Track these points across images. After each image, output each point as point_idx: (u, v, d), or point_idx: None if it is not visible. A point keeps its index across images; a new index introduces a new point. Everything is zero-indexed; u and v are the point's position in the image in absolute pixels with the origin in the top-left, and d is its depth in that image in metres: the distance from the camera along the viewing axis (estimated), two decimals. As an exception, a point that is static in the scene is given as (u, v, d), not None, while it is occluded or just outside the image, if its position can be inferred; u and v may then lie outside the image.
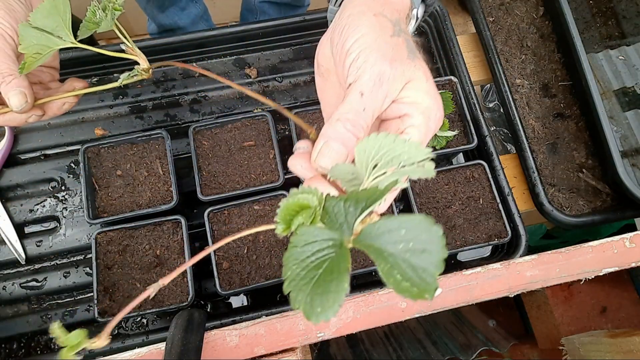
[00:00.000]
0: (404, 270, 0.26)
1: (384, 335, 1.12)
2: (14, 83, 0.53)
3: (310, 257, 0.28)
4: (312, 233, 0.28)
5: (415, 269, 0.26)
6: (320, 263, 0.28)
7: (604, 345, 0.85)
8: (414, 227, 0.27)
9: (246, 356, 0.50)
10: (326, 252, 0.28)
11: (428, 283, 0.25)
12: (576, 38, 0.81)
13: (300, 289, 0.27)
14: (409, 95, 0.38)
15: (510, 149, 1.34)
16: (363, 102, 0.36)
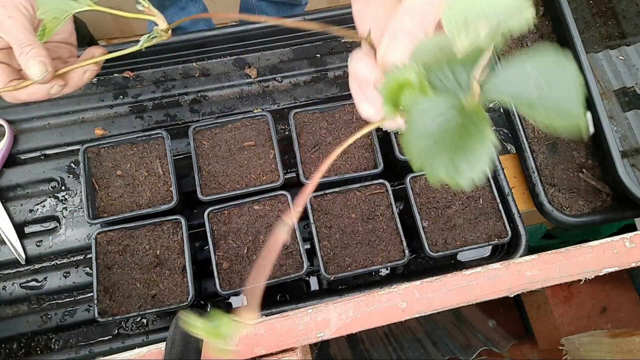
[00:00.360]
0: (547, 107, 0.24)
1: (384, 335, 1.12)
2: (33, 53, 0.53)
3: (432, 126, 0.26)
4: (430, 101, 0.26)
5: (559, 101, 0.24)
6: (446, 129, 0.26)
7: (604, 345, 0.85)
8: (544, 63, 0.25)
9: (246, 356, 0.50)
10: (449, 116, 0.26)
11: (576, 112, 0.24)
12: (576, 38, 0.81)
13: (435, 157, 0.25)
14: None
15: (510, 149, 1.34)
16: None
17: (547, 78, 0.24)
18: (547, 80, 0.24)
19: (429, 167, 0.26)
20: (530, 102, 0.24)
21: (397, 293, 0.52)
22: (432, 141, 0.26)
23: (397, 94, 0.27)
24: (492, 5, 0.27)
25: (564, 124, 0.24)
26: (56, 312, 0.74)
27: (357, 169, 0.72)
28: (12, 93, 0.57)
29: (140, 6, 0.49)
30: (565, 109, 0.24)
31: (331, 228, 0.70)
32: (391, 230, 0.70)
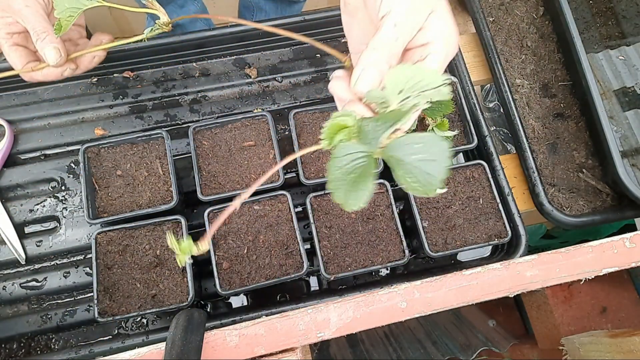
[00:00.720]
0: (416, 174, 0.34)
1: (384, 335, 1.12)
2: (48, 39, 0.61)
3: (347, 165, 0.36)
4: (348, 147, 0.37)
5: (425, 174, 0.34)
6: (354, 169, 0.36)
7: (604, 345, 0.85)
8: (427, 143, 0.35)
9: (246, 356, 0.50)
10: (359, 161, 0.36)
11: (433, 184, 0.34)
12: (576, 38, 0.81)
13: (339, 187, 0.36)
14: (431, 24, 0.42)
15: (510, 149, 1.34)
16: (396, 32, 0.40)
17: (426, 153, 0.34)
18: (426, 155, 0.34)
19: (334, 192, 0.36)
20: (408, 167, 0.35)
21: (397, 293, 0.52)
22: (343, 174, 0.36)
23: (335, 133, 0.37)
24: (422, 83, 0.36)
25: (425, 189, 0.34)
26: (56, 312, 0.74)
27: (357, 169, 0.72)
28: (30, 74, 0.65)
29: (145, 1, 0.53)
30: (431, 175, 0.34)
31: (331, 228, 0.70)
32: (391, 230, 0.70)
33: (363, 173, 0.36)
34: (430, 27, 0.42)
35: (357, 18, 0.49)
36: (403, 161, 0.35)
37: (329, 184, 0.37)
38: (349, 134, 0.37)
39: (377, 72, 0.40)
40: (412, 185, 0.35)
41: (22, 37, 0.65)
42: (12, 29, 0.63)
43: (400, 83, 0.37)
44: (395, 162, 0.35)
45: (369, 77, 0.40)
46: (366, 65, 0.40)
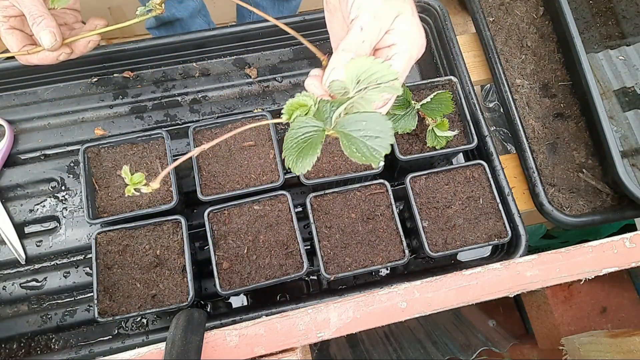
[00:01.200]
0: (361, 148, 0.39)
1: (384, 335, 1.12)
2: (44, 23, 0.61)
3: (300, 136, 0.41)
4: (304, 121, 0.41)
5: (368, 147, 0.39)
6: (306, 139, 0.41)
7: (604, 345, 0.85)
8: (373, 121, 0.39)
9: (246, 356, 0.50)
10: (312, 134, 0.41)
11: (375, 157, 0.39)
12: (576, 38, 0.81)
13: (291, 154, 0.41)
14: (397, 27, 0.46)
15: (510, 149, 1.34)
16: (362, 35, 0.44)
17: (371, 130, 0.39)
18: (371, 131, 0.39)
19: (287, 157, 0.41)
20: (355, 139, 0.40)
21: (397, 293, 0.52)
22: (295, 144, 0.41)
23: (295, 109, 0.42)
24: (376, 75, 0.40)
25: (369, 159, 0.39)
26: (56, 312, 0.74)
27: (357, 169, 0.72)
28: (25, 57, 0.65)
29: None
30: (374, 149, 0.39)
31: (331, 228, 0.70)
32: (391, 230, 0.70)
33: (312, 142, 0.40)
34: (396, 29, 0.46)
35: (336, 16, 0.52)
36: (351, 136, 0.40)
37: (284, 153, 0.41)
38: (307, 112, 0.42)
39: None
40: (356, 155, 0.39)
41: (18, 20, 0.65)
42: (8, 12, 0.63)
43: (358, 73, 0.40)
44: (344, 136, 0.40)
45: (337, 76, 0.43)
46: (336, 65, 0.44)
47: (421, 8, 0.90)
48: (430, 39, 0.91)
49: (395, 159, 0.73)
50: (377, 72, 0.40)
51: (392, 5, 0.45)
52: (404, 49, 0.46)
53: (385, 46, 0.47)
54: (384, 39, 0.46)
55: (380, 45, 0.47)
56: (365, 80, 0.40)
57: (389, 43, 0.46)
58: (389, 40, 0.46)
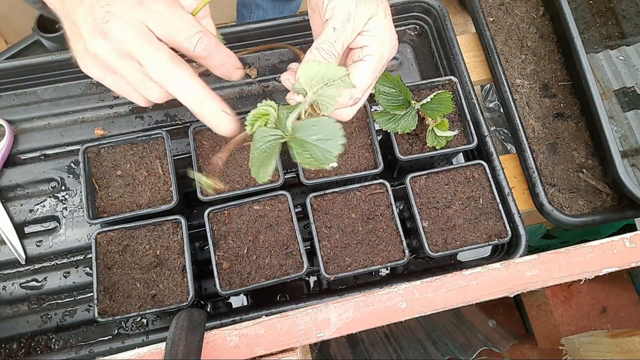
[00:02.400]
0: (314, 151, 0.42)
1: (384, 335, 1.12)
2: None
3: (262, 145, 0.44)
4: (265, 131, 0.44)
5: (322, 150, 0.42)
6: (267, 149, 0.44)
7: (604, 345, 0.85)
8: (323, 125, 0.42)
9: (246, 356, 0.50)
10: (273, 142, 0.43)
11: (328, 158, 0.42)
12: (576, 38, 0.81)
13: (254, 163, 0.44)
14: (370, 29, 0.48)
15: (510, 149, 1.34)
16: (335, 36, 0.46)
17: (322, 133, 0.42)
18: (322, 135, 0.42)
19: (252, 168, 0.44)
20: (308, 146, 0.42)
21: (397, 293, 0.52)
22: (259, 153, 0.43)
23: (257, 119, 0.44)
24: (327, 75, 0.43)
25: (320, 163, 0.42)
26: (56, 312, 0.74)
27: (357, 169, 0.72)
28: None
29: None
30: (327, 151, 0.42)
31: (331, 228, 0.70)
32: (391, 230, 0.70)
33: (270, 152, 0.43)
34: (368, 31, 0.48)
35: (317, 13, 0.52)
36: (305, 141, 0.42)
37: (251, 160, 0.44)
38: (268, 120, 0.44)
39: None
40: (309, 160, 0.42)
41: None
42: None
43: (310, 76, 0.43)
44: (297, 142, 0.42)
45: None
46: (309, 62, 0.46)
47: (421, 8, 0.90)
48: (430, 39, 0.91)
49: (395, 159, 0.73)
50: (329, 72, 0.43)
51: (366, 7, 0.47)
52: (375, 51, 0.48)
53: (358, 47, 0.49)
54: (357, 39, 0.48)
55: (353, 45, 0.49)
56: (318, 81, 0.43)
57: (361, 44, 0.48)
58: (361, 41, 0.48)
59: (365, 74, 0.48)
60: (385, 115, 0.70)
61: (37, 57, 0.82)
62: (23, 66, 0.82)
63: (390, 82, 0.69)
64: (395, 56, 0.90)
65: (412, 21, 0.92)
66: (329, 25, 0.47)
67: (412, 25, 0.92)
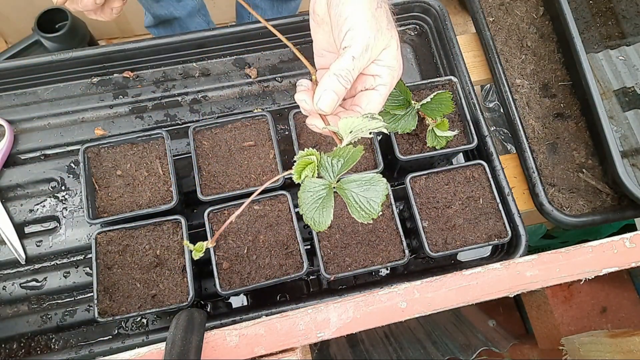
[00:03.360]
0: (362, 204, 0.47)
1: (384, 335, 1.12)
2: None
3: (313, 196, 0.47)
4: (313, 182, 0.48)
5: (369, 203, 0.47)
6: (318, 199, 0.47)
7: (604, 345, 0.85)
8: (370, 180, 0.47)
9: (246, 356, 0.50)
10: (322, 192, 0.48)
11: (374, 211, 0.47)
12: (576, 38, 0.81)
13: (309, 213, 0.47)
14: (383, 59, 0.51)
15: (510, 149, 1.34)
16: (353, 64, 0.49)
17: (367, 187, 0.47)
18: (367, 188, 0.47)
19: (307, 217, 0.47)
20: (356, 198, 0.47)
21: (397, 293, 0.52)
22: (312, 202, 0.47)
23: (303, 168, 0.48)
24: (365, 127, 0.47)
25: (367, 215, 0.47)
26: (56, 312, 0.74)
27: (357, 169, 0.72)
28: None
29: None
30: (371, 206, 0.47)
31: (331, 228, 0.70)
32: (391, 230, 0.70)
33: (325, 202, 0.47)
34: (382, 61, 0.51)
35: (323, 28, 0.56)
36: (352, 193, 0.47)
37: (303, 212, 0.47)
38: (313, 168, 0.48)
39: (335, 95, 0.49)
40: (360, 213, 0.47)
41: None
42: None
43: (350, 127, 0.48)
44: (345, 194, 0.48)
45: (328, 99, 0.49)
46: (327, 88, 0.49)
47: (421, 8, 0.90)
48: (430, 39, 0.91)
49: (395, 159, 0.73)
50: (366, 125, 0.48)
51: (382, 39, 0.50)
52: (387, 81, 0.52)
53: (370, 74, 0.52)
54: (370, 67, 0.52)
55: (365, 72, 0.52)
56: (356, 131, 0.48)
57: (374, 73, 0.52)
58: (374, 70, 0.52)
59: (378, 102, 0.52)
60: (385, 115, 0.70)
61: (37, 57, 0.82)
62: (23, 66, 0.82)
63: (391, 82, 0.69)
64: (395, 56, 0.90)
65: (412, 21, 0.92)
66: (347, 53, 0.49)
67: (412, 25, 0.92)
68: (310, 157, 0.47)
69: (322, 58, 0.59)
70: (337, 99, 0.50)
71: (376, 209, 0.46)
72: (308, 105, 0.53)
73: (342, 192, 0.47)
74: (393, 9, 0.56)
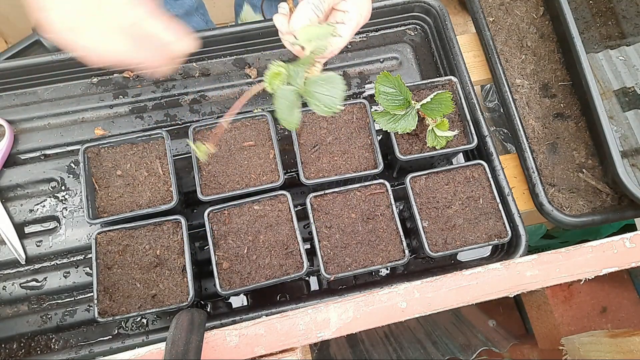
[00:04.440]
0: (324, 101, 0.53)
1: (384, 335, 1.12)
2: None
3: (285, 101, 0.53)
4: (284, 89, 0.53)
5: (329, 100, 0.53)
6: (290, 104, 0.53)
7: (604, 345, 0.85)
8: (327, 79, 0.53)
9: (246, 356, 0.50)
10: (292, 96, 0.53)
11: (335, 106, 0.53)
12: (576, 38, 0.81)
13: (283, 113, 0.53)
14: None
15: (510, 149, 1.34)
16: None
17: (329, 87, 0.53)
18: (327, 87, 0.53)
19: (281, 118, 0.53)
20: (318, 96, 0.53)
21: (397, 293, 0.52)
22: (285, 107, 0.53)
23: (274, 78, 0.53)
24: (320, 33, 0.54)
25: (329, 109, 0.53)
26: (56, 312, 0.74)
27: (357, 169, 0.72)
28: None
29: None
30: (332, 101, 0.53)
31: (331, 228, 0.70)
32: (391, 230, 0.70)
33: (294, 103, 0.53)
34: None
35: None
36: (314, 92, 0.53)
37: (278, 115, 0.53)
38: (282, 78, 0.53)
39: (308, 20, 0.55)
40: (322, 108, 0.53)
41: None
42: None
43: (308, 37, 0.54)
44: (309, 94, 0.53)
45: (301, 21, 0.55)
46: (301, 13, 0.55)
47: (421, 8, 0.90)
48: (430, 39, 0.91)
49: (395, 159, 0.73)
50: (321, 31, 0.54)
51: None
52: (354, 17, 0.58)
53: (339, 10, 0.59)
54: (341, 3, 0.58)
55: (336, 7, 0.59)
56: (314, 38, 0.54)
57: (343, 9, 0.58)
58: (343, 6, 0.58)
59: (345, 34, 0.59)
60: (385, 115, 0.70)
61: (37, 57, 0.82)
62: (23, 66, 0.82)
63: (390, 82, 0.69)
64: (395, 56, 0.90)
65: (412, 21, 0.92)
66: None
67: (412, 25, 0.92)
68: (279, 68, 0.53)
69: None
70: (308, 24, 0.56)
71: (336, 103, 0.53)
72: (284, 28, 0.60)
73: (307, 93, 0.53)
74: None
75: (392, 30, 0.92)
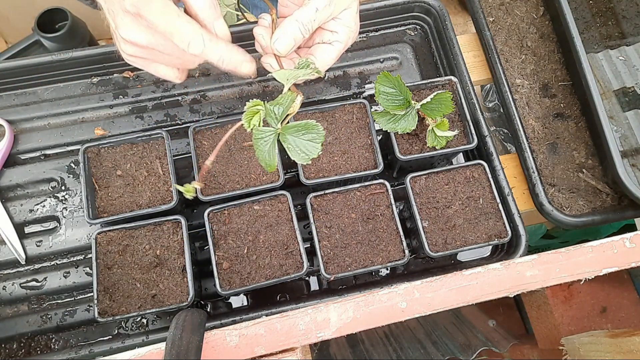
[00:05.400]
0: (301, 148, 0.53)
1: (384, 335, 1.12)
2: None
3: (264, 142, 0.52)
4: (261, 131, 0.52)
5: (307, 148, 0.53)
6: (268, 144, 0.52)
7: (604, 345, 0.85)
8: (309, 127, 0.52)
9: (246, 356, 0.50)
10: (270, 137, 0.52)
11: (312, 154, 0.52)
12: (576, 38, 0.81)
13: (262, 155, 0.52)
14: (343, 18, 0.56)
15: (510, 149, 1.34)
16: (315, 15, 0.53)
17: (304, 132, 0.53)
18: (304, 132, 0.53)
19: (261, 159, 0.52)
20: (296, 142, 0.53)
21: (397, 293, 0.52)
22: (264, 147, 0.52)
23: (252, 117, 0.52)
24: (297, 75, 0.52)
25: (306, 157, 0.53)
26: (56, 312, 0.74)
27: (357, 169, 0.72)
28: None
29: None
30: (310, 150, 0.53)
31: (331, 228, 0.70)
32: (391, 230, 0.70)
33: (272, 147, 0.52)
34: (341, 19, 0.56)
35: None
36: (292, 139, 0.52)
37: (258, 157, 0.53)
38: (260, 117, 0.52)
39: (293, 41, 0.53)
40: (300, 155, 0.52)
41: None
42: None
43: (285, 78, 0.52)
44: (286, 140, 0.53)
45: (285, 43, 0.53)
46: (287, 32, 0.53)
47: (421, 8, 0.90)
48: (430, 39, 0.91)
49: (395, 159, 0.73)
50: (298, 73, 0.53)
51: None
52: (343, 38, 0.56)
53: (328, 30, 0.56)
54: (329, 23, 0.56)
55: (324, 26, 0.56)
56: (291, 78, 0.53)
57: (332, 29, 0.56)
58: (332, 26, 0.56)
59: (331, 56, 0.57)
60: (385, 115, 0.70)
61: (37, 57, 0.82)
62: (23, 66, 0.82)
63: (390, 82, 0.69)
64: (395, 56, 0.90)
65: (412, 21, 0.92)
66: (312, 4, 0.53)
67: (412, 25, 0.92)
68: (257, 107, 0.52)
69: (286, 8, 0.60)
70: (293, 45, 0.54)
71: (315, 151, 0.52)
72: (264, 42, 0.57)
73: (284, 137, 0.52)
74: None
75: (392, 30, 0.92)
